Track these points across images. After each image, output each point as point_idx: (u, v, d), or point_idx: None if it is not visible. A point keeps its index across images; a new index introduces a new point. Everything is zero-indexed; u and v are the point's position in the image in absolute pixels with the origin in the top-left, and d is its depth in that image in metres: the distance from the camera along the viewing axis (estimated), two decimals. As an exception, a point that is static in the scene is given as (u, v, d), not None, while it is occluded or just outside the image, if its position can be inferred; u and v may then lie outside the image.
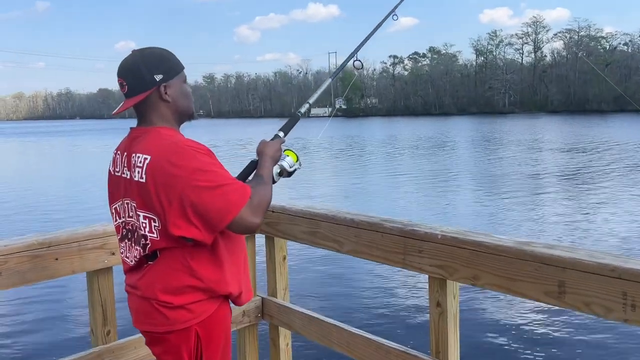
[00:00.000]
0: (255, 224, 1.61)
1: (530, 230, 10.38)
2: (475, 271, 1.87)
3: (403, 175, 19.85)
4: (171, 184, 1.56)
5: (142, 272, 1.70)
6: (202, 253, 1.65)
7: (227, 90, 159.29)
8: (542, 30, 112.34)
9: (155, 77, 1.67)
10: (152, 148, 1.63)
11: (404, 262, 2.11)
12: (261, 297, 2.82)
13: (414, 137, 42.60)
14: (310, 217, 2.49)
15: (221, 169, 1.62)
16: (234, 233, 1.68)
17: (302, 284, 7.09)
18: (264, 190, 1.70)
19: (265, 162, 1.84)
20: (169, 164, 1.57)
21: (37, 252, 2.08)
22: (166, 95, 1.70)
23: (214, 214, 1.56)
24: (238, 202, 1.58)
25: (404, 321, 5.88)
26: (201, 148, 1.64)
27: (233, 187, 1.59)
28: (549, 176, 18.16)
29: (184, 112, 1.78)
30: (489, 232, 1.94)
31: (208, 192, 1.55)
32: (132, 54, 1.71)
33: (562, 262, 1.65)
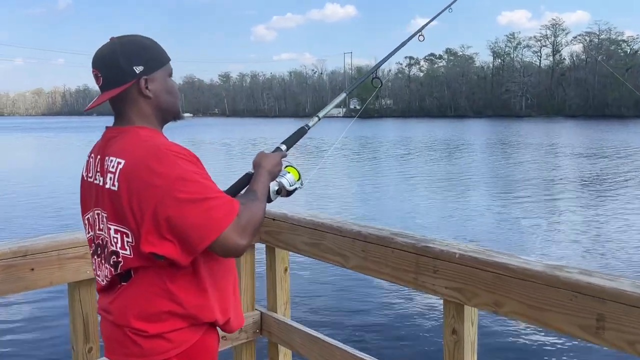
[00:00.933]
0: (240, 247, 1.37)
1: (548, 240, 10.05)
2: (498, 297, 1.64)
3: (416, 178, 19.54)
4: (147, 193, 1.33)
5: (115, 295, 1.48)
6: (182, 274, 1.43)
7: (242, 90, 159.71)
8: (562, 33, 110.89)
9: (134, 68, 1.45)
10: (127, 151, 1.41)
11: (415, 283, 1.88)
12: (260, 311, 2.61)
13: (428, 139, 42.18)
14: (314, 227, 2.27)
15: (206, 180, 1.39)
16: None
17: (305, 298, 6.64)
18: (255, 208, 1.47)
19: (261, 176, 1.61)
20: (146, 170, 1.35)
21: (11, 262, 1.89)
22: (147, 90, 1.48)
23: (193, 233, 1.33)
24: (223, 219, 1.34)
25: (414, 347, 5.41)
26: (185, 153, 1.41)
27: (219, 202, 1.36)
28: (568, 182, 17.72)
29: (168, 109, 1.55)
30: (513, 253, 1.71)
31: (189, 206, 1.33)
32: (110, 42, 1.49)
33: (601, 292, 1.41)
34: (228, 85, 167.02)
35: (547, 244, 9.66)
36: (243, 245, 1.38)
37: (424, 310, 6.25)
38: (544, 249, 9.28)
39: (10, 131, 67.07)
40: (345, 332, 5.63)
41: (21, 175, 21.07)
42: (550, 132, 49.09)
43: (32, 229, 10.97)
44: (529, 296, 1.56)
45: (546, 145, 33.71)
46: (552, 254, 8.91)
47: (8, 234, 10.50)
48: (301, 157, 27.58)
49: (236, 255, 1.40)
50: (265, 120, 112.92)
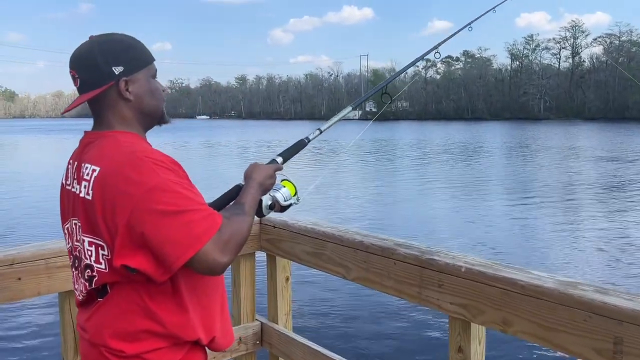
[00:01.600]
0: (220, 264, 1.26)
1: (567, 249, 9.80)
2: (507, 315, 1.52)
3: (432, 181, 19.31)
4: (121, 203, 1.24)
5: (91, 311, 1.39)
6: (162, 290, 1.33)
7: (259, 92, 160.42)
8: (581, 34, 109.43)
9: (113, 69, 1.35)
10: (103, 158, 1.31)
11: (419, 297, 1.77)
12: (260, 322, 2.52)
13: (445, 142, 41.80)
14: (315, 236, 2.17)
15: (187, 190, 1.28)
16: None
17: (307, 309, 6.41)
18: (240, 223, 1.34)
19: (251, 189, 1.49)
20: (121, 178, 1.25)
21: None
22: (127, 92, 1.38)
23: (169, 248, 1.22)
24: (202, 234, 1.23)
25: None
26: (165, 161, 1.30)
27: (199, 215, 1.25)
28: (589, 188, 17.34)
29: (150, 113, 1.45)
30: (523, 267, 1.59)
31: (165, 219, 1.22)
32: (88, 41, 1.39)
33: (619, 312, 1.29)
34: (244, 88, 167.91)
35: (566, 253, 9.42)
36: (224, 262, 1.26)
37: (429, 325, 5.98)
38: (563, 259, 9.05)
39: (30, 133, 68.19)
40: (347, 345, 5.45)
41: (25, 178, 21.21)
42: (570, 135, 48.34)
43: (22, 236, 10.49)
44: (539, 315, 1.44)
45: (566, 149, 33.17)
46: (572, 265, 8.68)
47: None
48: (314, 160, 27.51)
49: (216, 273, 1.29)
50: (281, 122, 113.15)
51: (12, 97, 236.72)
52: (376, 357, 5.32)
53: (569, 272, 8.12)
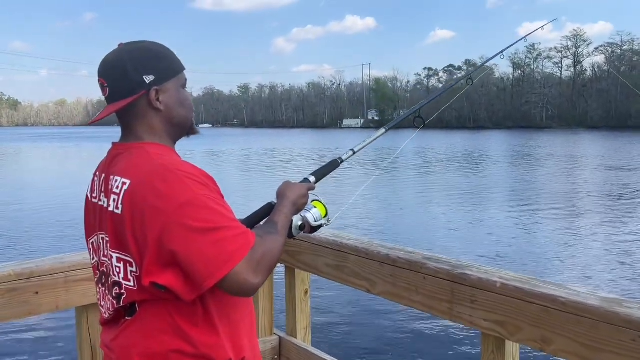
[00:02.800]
0: (253, 286, 1.20)
1: (574, 259, 9.73)
2: (545, 333, 1.46)
3: (435, 191, 19.25)
4: (151, 218, 1.18)
5: (118, 330, 1.33)
6: (193, 309, 1.27)
7: (261, 101, 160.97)
8: (583, 44, 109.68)
9: (144, 78, 1.30)
10: (133, 170, 1.26)
11: (451, 313, 1.71)
12: (279, 336, 2.46)
13: (448, 151, 41.78)
14: (337, 249, 2.12)
15: (221, 206, 1.23)
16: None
17: (327, 323, 6.21)
18: (273, 242, 1.29)
19: (284, 208, 1.43)
20: (153, 192, 1.20)
21: (15, 285, 1.77)
22: (157, 102, 1.33)
23: (200, 266, 1.16)
24: (235, 253, 1.18)
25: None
26: (197, 174, 1.25)
27: (232, 233, 1.20)
28: (592, 196, 17.28)
29: (181, 124, 1.40)
30: (562, 283, 1.53)
31: (197, 236, 1.17)
32: (117, 49, 1.34)
33: (670, 332, 1.23)
34: (247, 97, 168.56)
35: (569, 260, 9.36)
36: (256, 283, 1.20)
37: (458, 342, 5.73)
38: (567, 266, 8.98)
39: (33, 140, 68.39)
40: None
41: (32, 187, 21.18)
42: (572, 144, 48.30)
43: (38, 248, 10.39)
44: (582, 334, 1.38)
45: (569, 157, 33.11)
46: (577, 272, 8.61)
47: (12, 253, 9.94)
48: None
49: (247, 294, 1.22)
50: (284, 131, 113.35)
51: (16, 105, 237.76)
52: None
53: (575, 279, 8.06)
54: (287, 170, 27.23)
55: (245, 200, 16.42)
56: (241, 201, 16.39)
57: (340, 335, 6.00)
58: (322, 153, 39.77)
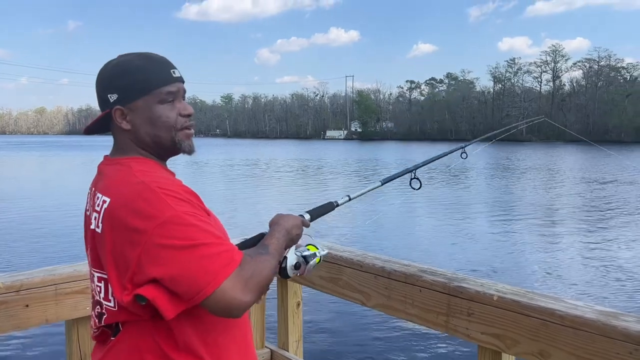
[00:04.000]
0: (242, 304, 1.14)
1: (550, 268, 9.84)
2: (543, 346, 1.48)
3: (414, 201, 19.35)
4: (131, 239, 1.14)
5: (104, 350, 1.29)
6: (175, 330, 1.23)
7: (244, 111, 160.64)
8: (562, 59, 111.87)
9: (109, 97, 1.29)
10: (114, 188, 1.23)
11: (447, 326, 1.71)
12: (270, 349, 2.44)
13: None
14: (331, 261, 2.11)
15: (203, 222, 1.18)
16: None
17: (319, 336, 6.04)
18: (264, 263, 1.23)
19: (277, 233, 1.37)
20: (132, 212, 1.15)
21: (4, 298, 1.72)
22: (123, 122, 1.30)
23: (186, 286, 1.12)
24: (222, 269, 1.13)
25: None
26: (179, 191, 1.20)
27: (217, 249, 1.15)
28: (570, 207, 17.54)
29: (151, 143, 1.32)
30: (559, 296, 1.55)
31: (180, 254, 1.12)
32: (107, 62, 1.35)
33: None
34: (230, 107, 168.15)
35: (547, 269, 9.48)
36: (244, 302, 1.15)
37: (454, 356, 5.65)
38: (543, 274, 9.10)
39: (11, 149, 67.17)
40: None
41: (19, 197, 20.82)
42: (551, 157, 49.08)
43: (25, 260, 9.99)
44: (580, 347, 1.40)
45: (552, 170, 33.63)
46: (552, 280, 8.74)
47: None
48: (309, 177, 27.50)
49: (236, 313, 1.16)
50: (267, 141, 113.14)
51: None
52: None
53: (550, 287, 8.17)
54: (273, 179, 27.18)
55: (230, 211, 16.32)
56: (227, 213, 16.28)
57: (333, 348, 5.88)
58: (306, 164, 39.80)
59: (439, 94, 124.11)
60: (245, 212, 16.07)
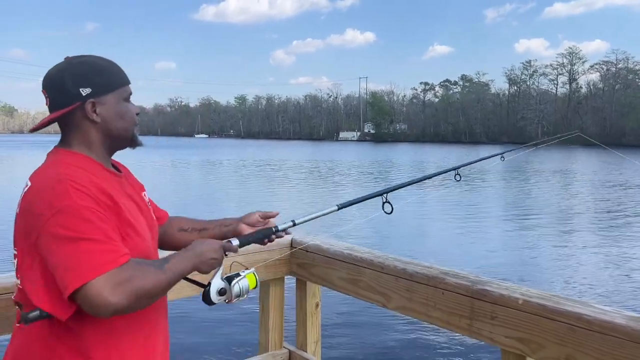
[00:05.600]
0: (108, 304, 1.13)
1: (567, 272, 9.73)
2: (570, 351, 1.45)
3: (430, 202, 19.25)
4: (32, 223, 1.21)
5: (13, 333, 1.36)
6: (66, 327, 1.24)
7: (258, 112, 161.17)
8: (578, 61, 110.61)
9: (81, 90, 1.34)
10: (37, 175, 1.31)
11: (470, 329, 1.70)
12: (288, 349, 2.43)
13: (443, 164, 41.88)
14: (352, 262, 2.11)
15: (100, 220, 1.21)
16: None
17: (338, 337, 5.99)
18: (149, 273, 1.22)
19: (183, 253, 1.36)
20: (39, 198, 1.22)
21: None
22: (94, 115, 1.36)
23: (60, 275, 1.15)
24: (98, 267, 1.14)
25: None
26: (89, 187, 1.24)
27: (101, 247, 1.17)
28: (586, 210, 17.33)
29: (118, 136, 1.42)
30: (586, 300, 1.52)
31: (63, 244, 1.16)
32: (62, 62, 1.39)
33: (700, 352, 1.22)
34: (244, 107, 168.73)
35: (562, 273, 9.37)
36: (112, 303, 1.13)
37: (476, 359, 5.57)
38: (560, 277, 8.99)
39: (30, 148, 68.16)
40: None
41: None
42: (566, 160, 48.55)
43: None
44: (608, 353, 1.37)
45: (564, 173, 33.26)
46: (570, 284, 8.63)
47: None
48: (315, 180, 27.50)
49: (103, 314, 1.16)
50: (280, 142, 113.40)
51: (12, 112, 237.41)
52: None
53: (573, 292, 8.05)
54: (284, 179, 27.23)
55: (239, 210, 16.37)
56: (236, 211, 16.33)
57: (351, 349, 5.83)
58: (319, 165, 39.82)
59: (454, 95, 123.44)
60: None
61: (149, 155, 48.81)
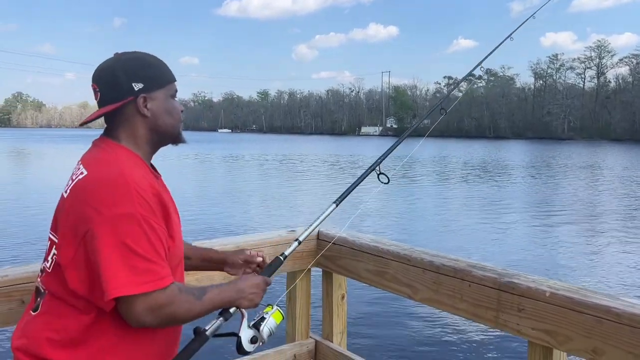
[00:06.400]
0: (140, 322, 1.24)
1: (594, 269, 9.58)
2: (598, 344, 1.46)
3: (454, 198, 19.12)
4: (87, 215, 1.24)
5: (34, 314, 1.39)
6: (98, 321, 1.29)
7: (280, 107, 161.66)
8: (607, 54, 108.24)
9: (133, 85, 1.38)
10: (95, 164, 1.33)
11: (496, 321, 1.71)
12: (315, 339, 2.48)
13: (468, 160, 41.48)
14: (378, 255, 2.13)
15: (153, 233, 1.25)
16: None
17: (363, 328, 6.03)
18: (187, 304, 1.29)
19: (226, 286, 1.43)
20: (98, 193, 1.25)
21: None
22: (145, 109, 1.40)
23: (101, 278, 1.21)
24: (139, 283, 1.21)
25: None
26: (147, 193, 1.28)
27: (148, 267, 1.22)
28: (615, 208, 16.99)
29: (166, 132, 1.46)
30: (614, 293, 1.53)
31: (114, 251, 1.21)
32: (112, 57, 1.43)
33: None
34: (266, 102, 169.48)
35: (589, 269, 9.23)
36: (143, 322, 1.24)
37: (504, 351, 5.54)
38: (587, 274, 8.86)
39: (58, 142, 69.66)
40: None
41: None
42: (595, 156, 47.58)
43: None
44: (637, 345, 1.37)
45: (593, 169, 32.64)
46: (597, 280, 8.50)
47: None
48: (335, 173, 27.51)
49: (132, 325, 1.26)
50: (302, 137, 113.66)
51: (40, 107, 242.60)
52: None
53: (599, 287, 7.92)
54: (306, 173, 27.32)
55: (263, 205, 16.53)
56: (259, 205, 16.50)
57: (377, 340, 5.88)
58: (342, 160, 39.80)
59: (478, 90, 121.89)
60: (276, 205, 16.24)
61: (175, 150, 49.19)
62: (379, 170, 1.90)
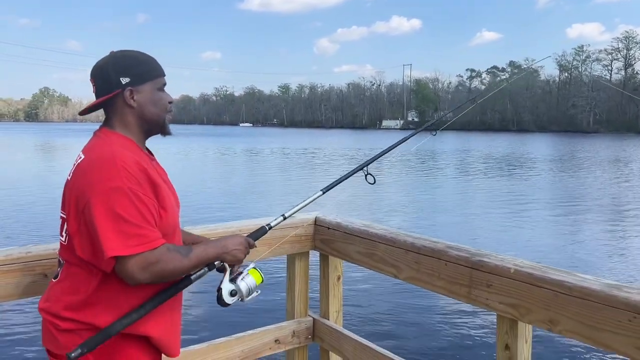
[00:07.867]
0: (135, 280, 1.45)
1: (614, 262, 9.55)
2: (553, 314, 1.61)
3: (476, 192, 19.08)
4: (86, 190, 1.46)
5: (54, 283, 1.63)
6: (106, 282, 1.50)
7: (301, 101, 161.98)
8: (635, 45, 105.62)
9: (121, 79, 1.58)
10: (91, 149, 1.56)
11: (468, 297, 1.87)
12: (313, 317, 2.67)
13: (491, 153, 41.10)
14: (367, 237, 2.31)
15: (142, 203, 1.46)
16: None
17: (358, 306, 6.67)
18: (175, 260, 1.50)
19: (210, 242, 1.66)
20: (94, 170, 1.47)
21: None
22: (131, 100, 1.60)
23: (97, 242, 1.43)
24: (128, 246, 1.42)
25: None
26: (135, 171, 1.48)
27: (136, 231, 1.44)
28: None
29: (151, 120, 1.65)
30: (570, 270, 1.68)
31: (107, 218, 1.43)
32: (107, 55, 1.64)
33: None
34: (287, 96, 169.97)
35: (614, 262, 9.21)
36: (138, 279, 1.45)
37: (477, 324, 6.16)
38: (611, 266, 8.86)
39: (84, 136, 70.95)
40: (396, 342, 5.60)
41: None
42: (623, 149, 46.64)
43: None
44: (585, 315, 1.53)
45: (620, 163, 32.08)
46: (619, 270, 8.52)
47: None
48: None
49: (129, 283, 1.47)
50: (322, 131, 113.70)
51: (66, 102, 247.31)
52: (425, 353, 5.46)
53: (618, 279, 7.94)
54: (326, 166, 27.50)
55: (284, 195, 16.76)
56: (280, 196, 16.73)
57: (369, 318, 6.42)
58: (363, 153, 39.87)
59: (501, 83, 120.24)
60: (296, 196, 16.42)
61: (197, 143, 50.29)
62: (367, 171, 2.09)
